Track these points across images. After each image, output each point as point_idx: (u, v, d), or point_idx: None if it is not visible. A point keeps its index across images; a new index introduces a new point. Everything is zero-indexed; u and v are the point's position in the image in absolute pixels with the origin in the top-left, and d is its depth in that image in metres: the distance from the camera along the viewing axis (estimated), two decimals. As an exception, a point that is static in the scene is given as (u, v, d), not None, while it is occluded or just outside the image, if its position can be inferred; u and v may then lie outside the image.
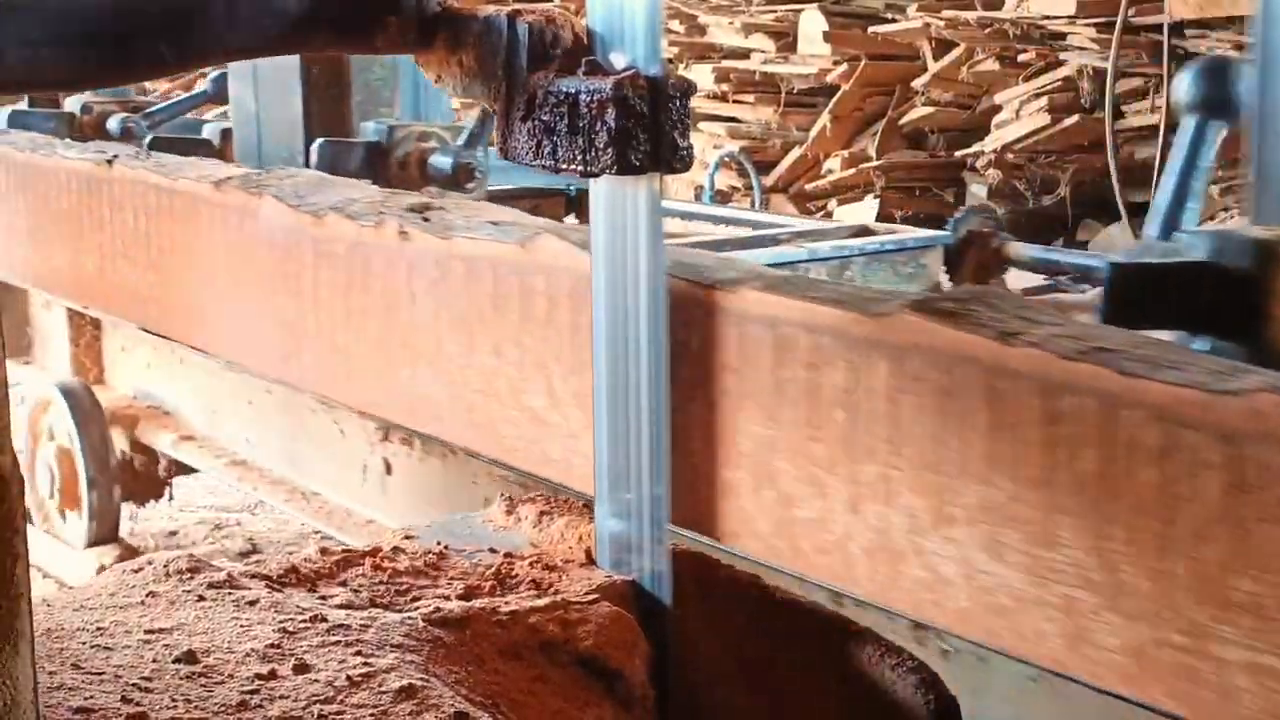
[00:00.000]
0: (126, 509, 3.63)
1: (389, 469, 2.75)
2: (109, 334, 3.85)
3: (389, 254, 2.00)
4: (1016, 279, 3.64)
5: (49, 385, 3.59)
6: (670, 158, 1.45)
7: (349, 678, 1.29)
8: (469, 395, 1.90)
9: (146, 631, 1.35)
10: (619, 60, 1.46)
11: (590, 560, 1.60)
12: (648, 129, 1.43)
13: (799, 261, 3.02)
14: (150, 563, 1.49)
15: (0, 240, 3.04)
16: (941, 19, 6.90)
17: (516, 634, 1.44)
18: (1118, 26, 6.27)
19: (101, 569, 2.83)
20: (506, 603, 1.48)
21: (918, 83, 7.16)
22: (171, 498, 3.98)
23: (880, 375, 1.41)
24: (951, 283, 3.12)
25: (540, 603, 1.48)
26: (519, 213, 2.03)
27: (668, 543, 1.56)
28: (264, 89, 3.56)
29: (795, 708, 1.58)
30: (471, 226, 1.90)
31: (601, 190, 1.52)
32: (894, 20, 7.19)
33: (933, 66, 7.11)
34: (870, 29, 7.28)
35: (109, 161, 2.65)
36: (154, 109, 4.48)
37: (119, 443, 3.57)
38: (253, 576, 1.50)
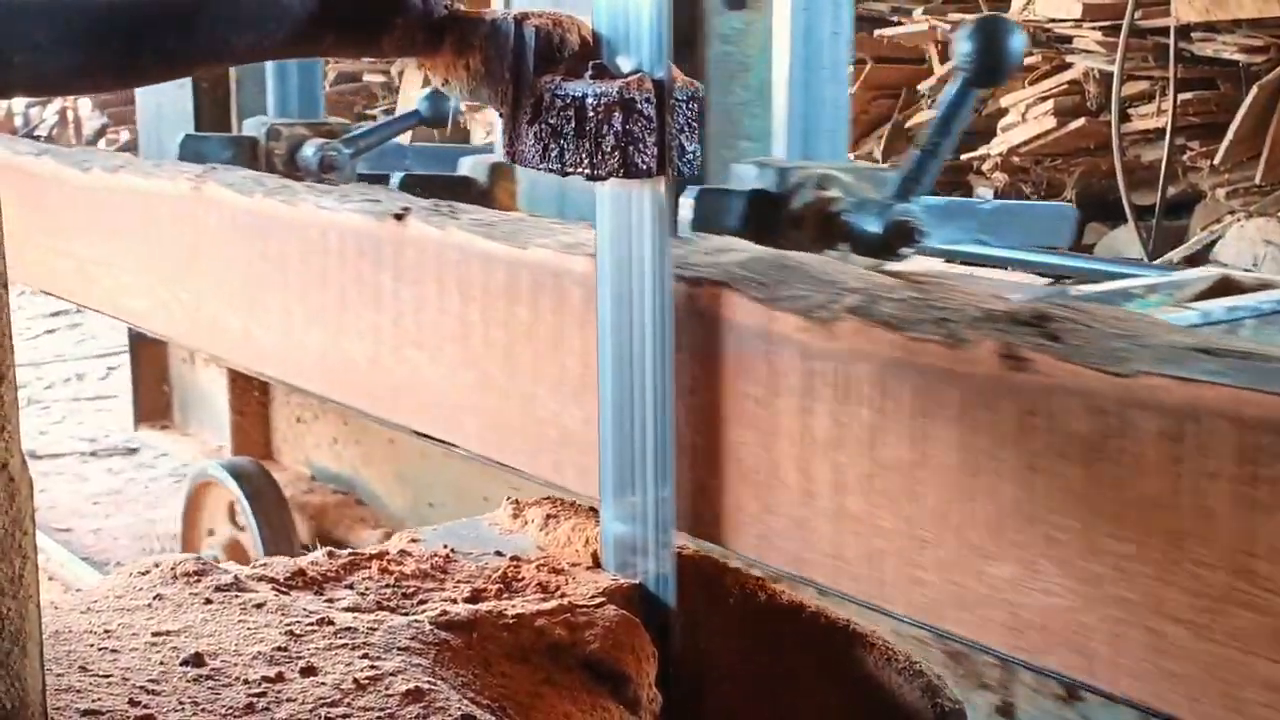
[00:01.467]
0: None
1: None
2: (279, 401, 3.28)
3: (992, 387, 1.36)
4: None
5: (213, 465, 2.93)
6: (677, 161, 1.45)
7: (356, 681, 1.29)
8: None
9: (153, 634, 1.35)
10: (626, 64, 1.46)
11: (597, 563, 1.61)
12: (654, 132, 1.43)
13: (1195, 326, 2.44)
14: (157, 565, 1.50)
15: (208, 308, 2.45)
16: (947, 22, 6.89)
17: (523, 637, 1.44)
18: (1124, 30, 6.27)
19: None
20: (513, 606, 1.48)
21: (923, 86, 7.16)
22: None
23: None
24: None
25: (547, 606, 1.48)
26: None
27: (673, 546, 1.56)
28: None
29: (800, 712, 1.58)
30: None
31: (607, 194, 1.52)
32: (899, 23, 7.19)
33: (939, 69, 7.11)
34: (875, 32, 7.28)
35: (398, 216, 2.01)
36: (357, 133, 3.64)
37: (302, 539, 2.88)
38: (259, 579, 1.51)
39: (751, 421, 1.58)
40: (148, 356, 3.83)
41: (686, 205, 2.37)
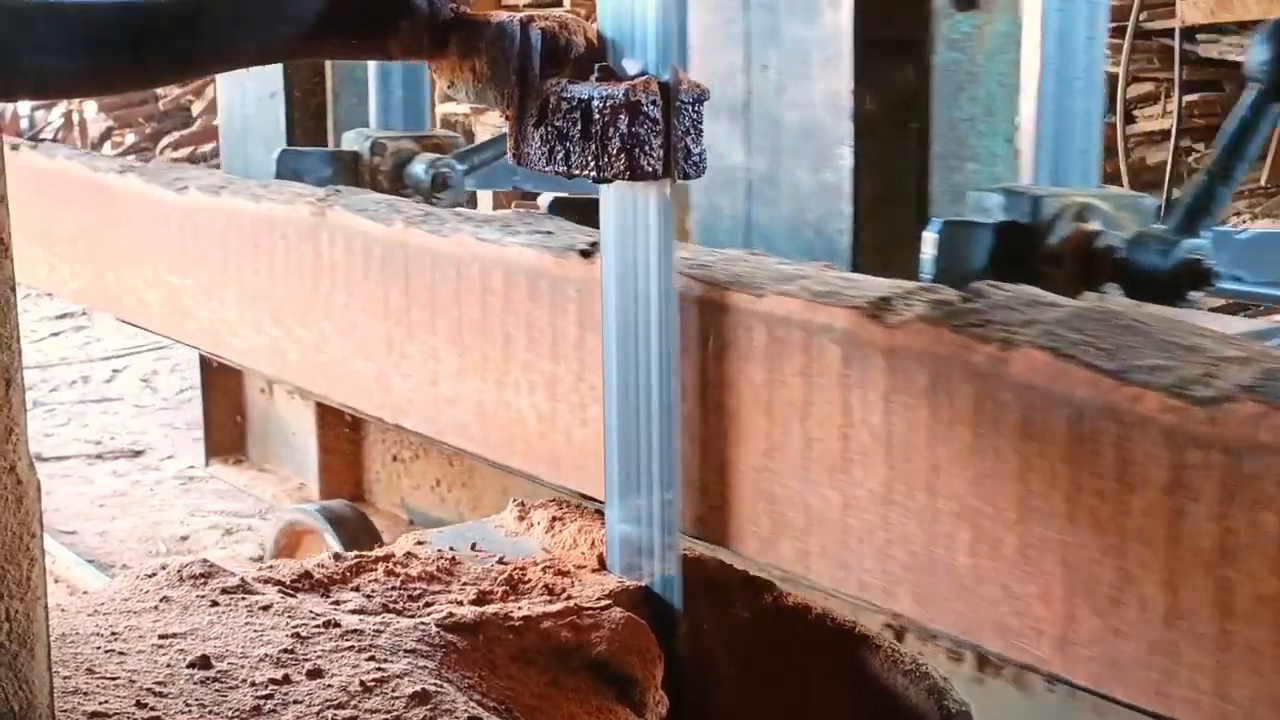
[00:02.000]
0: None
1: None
2: (373, 438, 2.99)
3: None
4: None
5: (307, 510, 2.60)
6: (683, 164, 1.45)
7: (362, 683, 1.29)
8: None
9: (160, 636, 1.35)
10: (632, 66, 1.46)
11: (603, 566, 1.60)
12: (660, 135, 1.43)
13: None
14: (164, 568, 1.50)
15: (332, 350, 2.14)
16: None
17: (529, 639, 1.44)
18: (1129, 32, 6.26)
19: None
20: (519, 608, 1.48)
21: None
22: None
23: None
24: None
25: (553, 608, 1.48)
26: None
27: (679, 548, 1.56)
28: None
29: (806, 714, 1.57)
30: None
31: (612, 196, 1.52)
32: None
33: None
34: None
35: (584, 253, 1.78)
36: (468, 148, 3.33)
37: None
38: (266, 582, 1.51)
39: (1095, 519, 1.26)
40: (220, 385, 3.48)
41: (929, 241, 2.00)
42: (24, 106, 10.46)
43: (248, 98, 3.81)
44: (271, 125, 3.72)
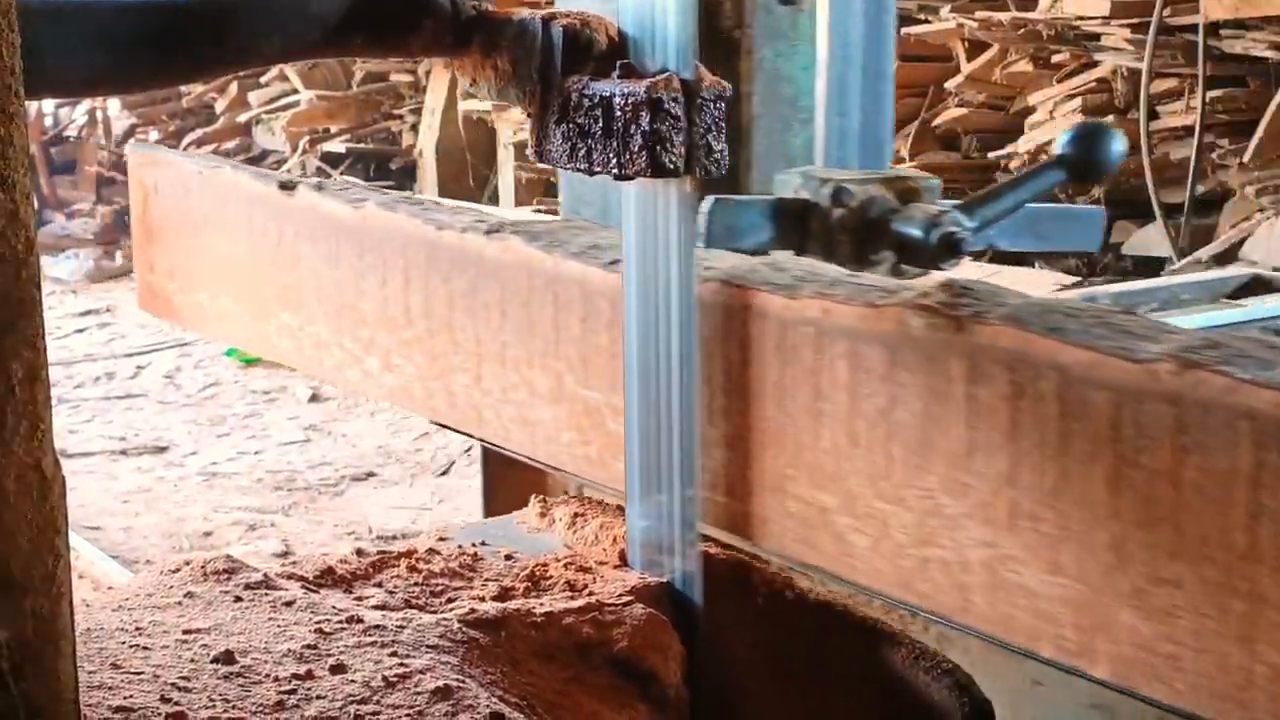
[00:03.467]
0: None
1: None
2: None
3: None
4: None
5: None
6: (705, 161, 1.46)
7: (385, 678, 1.30)
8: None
9: (184, 632, 1.36)
10: (653, 63, 1.46)
11: (624, 562, 1.61)
12: (682, 132, 1.43)
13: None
14: (187, 563, 1.51)
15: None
16: (975, 20, 6.87)
17: (551, 635, 1.44)
18: (1152, 27, 6.24)
19: None
20: (541, 604, 1.49)
21: (951, 84, 7.14)
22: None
23: None
24: None
25: (575, 604, 1.49)
26: None
27: (699, 544, 1.56)
28: None
29: (828, 710, 1.58)
30: None
31: (633, 193, 1.53)
32: (927, 21, 7.17)
33: (966, 68, 7.09)
34: (903, 30, 7.26)
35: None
36: (976, 197, 2.34)
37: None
38: (289, 577, 1.51)
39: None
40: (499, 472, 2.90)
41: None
42: (48, 104, 10.51)
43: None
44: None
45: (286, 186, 2.10)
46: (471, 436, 1.96)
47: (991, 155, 7.13)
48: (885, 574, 1.44)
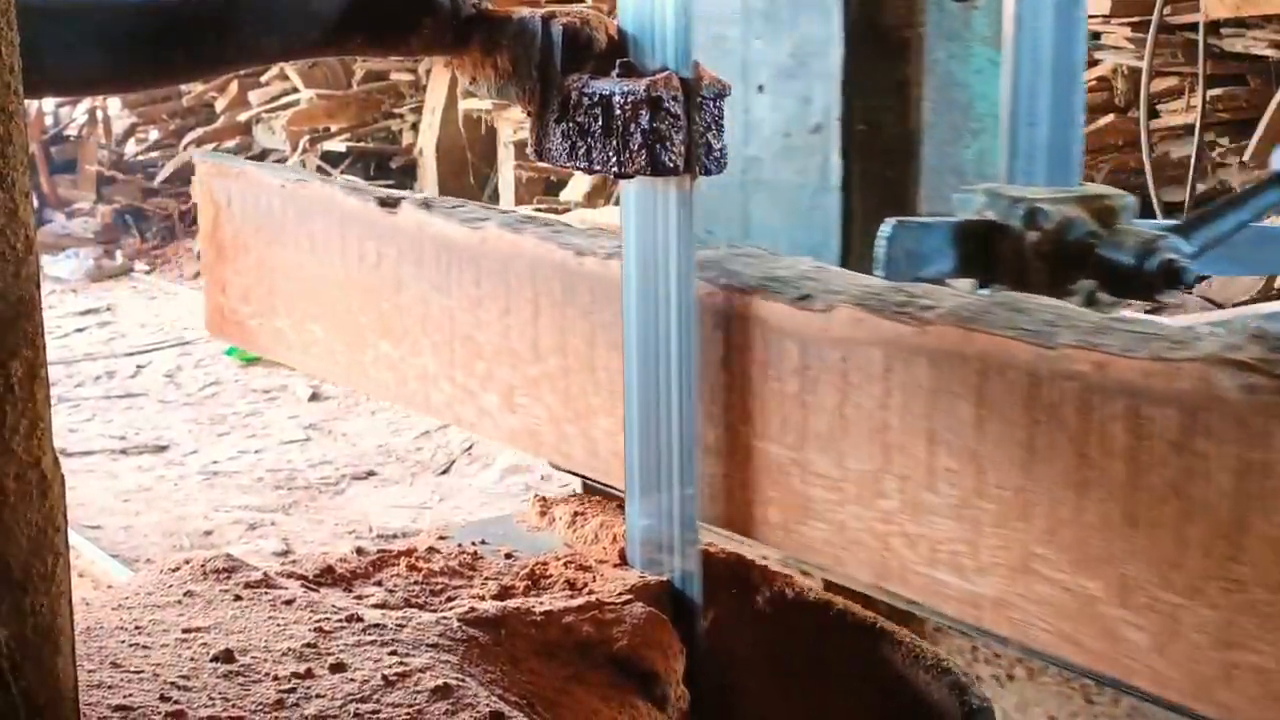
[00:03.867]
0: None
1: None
2: None
3: None
4: None
5: None
6: (704, 159, 1.46)
7: (384, 677, 1.30)
8: None
9: (184, 630, 1.36)
10: (652, 62, 1.46)
11: (624, 561, 1.61)
12: (682, 130, 1.43)
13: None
14: (187, 562, 1.51)
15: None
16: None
17: (551, 634, 1.44)
18: (1153, 26, 6.24)
19: None
20: (541, 603, 1.49)
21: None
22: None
23: None
24: None
25: (575, 603, 1.49)
26: None
27: (699, 543, 1.56)
28: None
29: (828, 710, 1.58)
30: None
31: (632, 191, 1.53)
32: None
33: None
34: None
35: None
36: (1195, 217, 2.21)
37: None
38: (289, 576, 1.51)
39: None
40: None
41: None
42: (48, 103, 10.51)
43: (761, 130, 2.32)
44: (808, 173, 2.29)
45: (388, 203, 1.89)
46: (616, 491, 1.69)
47: (992, 154, 7.10)
48: (1173, 681, 1.20)
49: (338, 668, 1.31)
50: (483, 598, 1.51)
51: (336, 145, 9.43)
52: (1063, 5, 2.08)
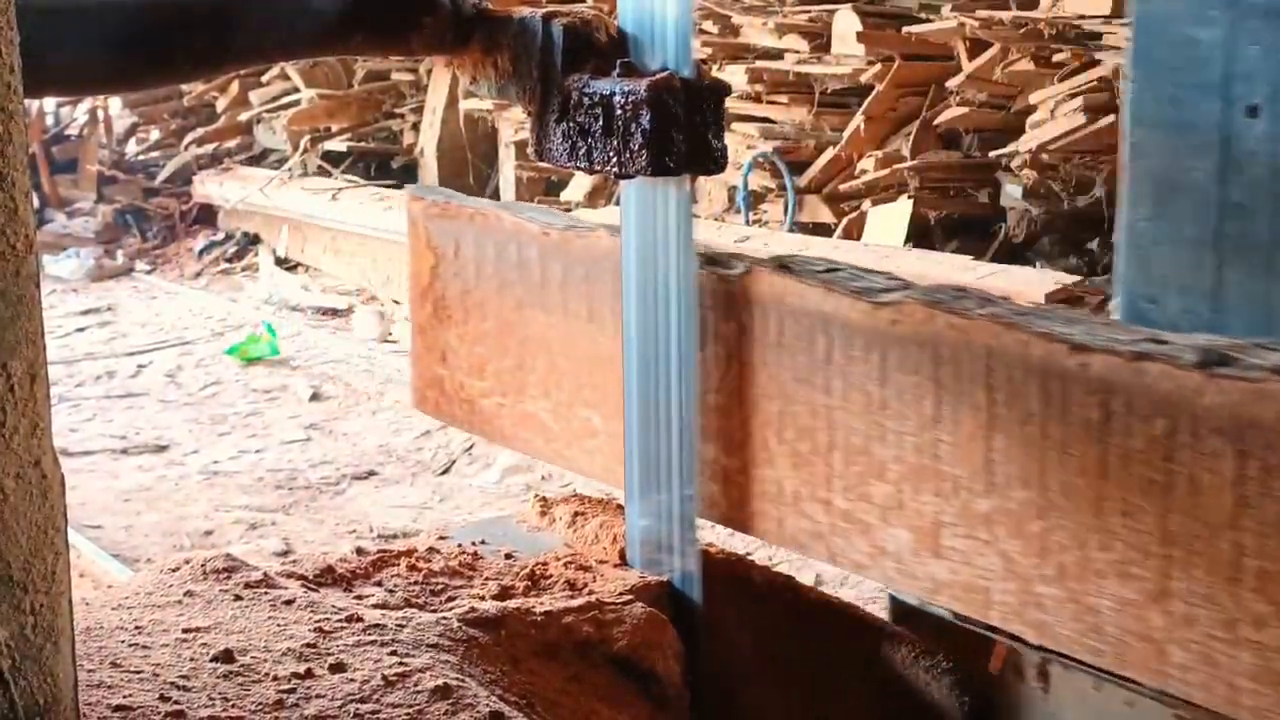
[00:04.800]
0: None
1: None
2: None
3: None
4: None
5: None
6: (704, 158, 1.45)
7: (384, 677, 1.30)
8: None
9: (184, 630, 1.36)
10: (653, 62, 1.46)
11: (624, 561, 1.61)
12: (682, 130, 1.43)
13: None
14: (188, 562, 1.50)
15: None
16: (976, 19, 6.87)
17: (551, 634, 1.44)
18: (1153, 26, 6.24)
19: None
20: (541, 603, 1.49)
21: (952, 83, 7.13)
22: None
23: None
24: None
25: (575, 603, 1.49)
26: None
27: (698, 543, 1.56)
28: None
29: (828, 709, 1.57)
30: None
31: (633, 191, 1.52)
32: (928, 20, 7.17)
33: (967, 67, 7.08)
34: (904, 29, 7.26)
35: None
36: None
37: None
38: (289, 576, 1.51)
39: None
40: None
41: None
42: (49, 103, 10.51)
43: (1252, 167, 1.68)
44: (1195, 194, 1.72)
45: (718, 262, 1.41)
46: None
47: (993, 154, 7.13)
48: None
49: (338, 668, 1.31)
50: (483, 598, 1.51)
51: (337, 145, 9.43)
52: None
